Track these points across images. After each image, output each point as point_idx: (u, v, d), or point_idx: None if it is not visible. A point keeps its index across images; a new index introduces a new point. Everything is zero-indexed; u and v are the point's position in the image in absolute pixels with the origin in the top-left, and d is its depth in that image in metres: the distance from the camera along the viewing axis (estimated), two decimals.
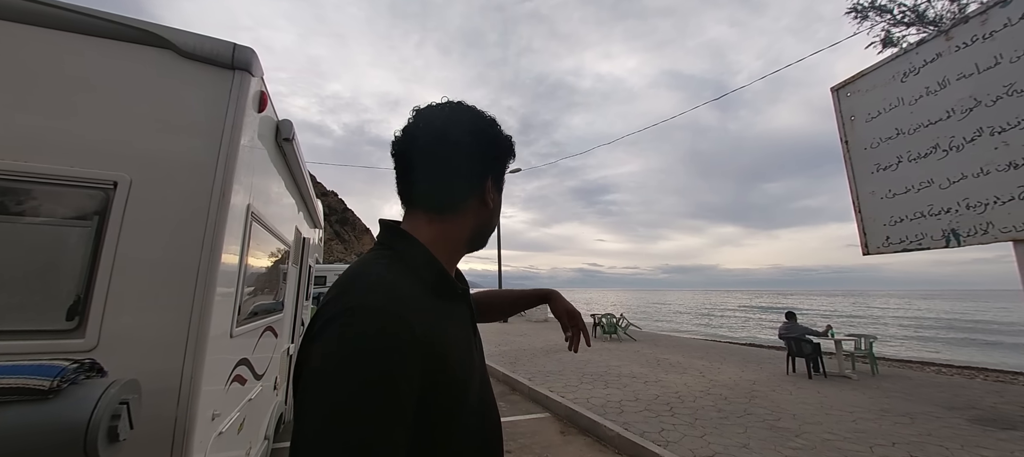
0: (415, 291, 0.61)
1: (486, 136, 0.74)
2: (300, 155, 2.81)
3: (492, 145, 0.75)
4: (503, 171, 0.79)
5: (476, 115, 0.74)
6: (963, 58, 1.29)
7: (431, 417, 0.55)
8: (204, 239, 1.56)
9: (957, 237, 1.29)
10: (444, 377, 0.57)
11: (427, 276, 0.66)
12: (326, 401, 0.46)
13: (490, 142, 0.74)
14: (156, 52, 1.66)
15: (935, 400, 5.96)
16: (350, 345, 0.49)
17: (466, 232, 0.74)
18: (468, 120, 0.73)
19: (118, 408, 1.16)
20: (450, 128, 0.70)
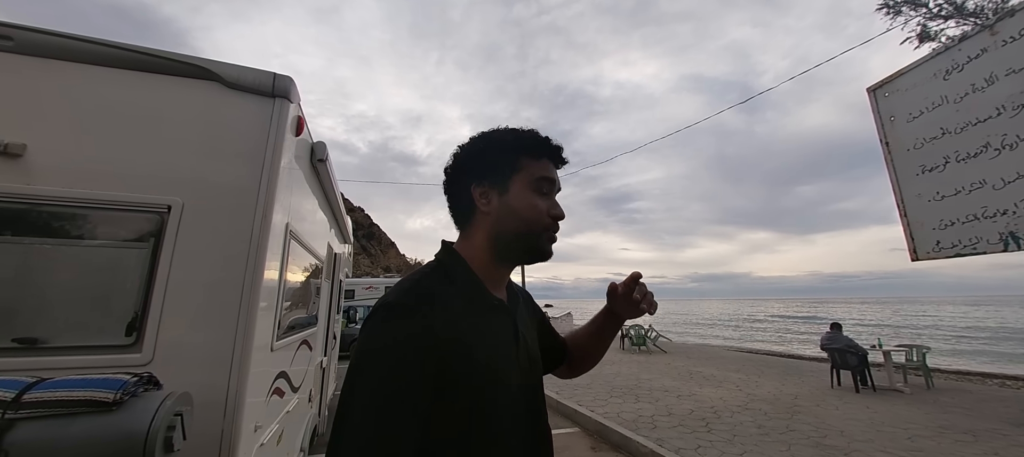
0: (447, 296, 0.70)
1: (468, 151, 0.81)
2: (332, 174, 2.93)
3: (472, 156, 0.80)
4: (491, 173, 0.78)
5: (473, 136, 0.83)
6: (1011, 53, 1.23)
7: (452, 410, 0.62)
8: (248, 257, 1.64)
9: (1016, 240, 1.21)
10: (465, 376, 0.64)
11: (462, 285, 0.74)
12: (353, 377, 0.61)
13: (470, 154, 0.81)
14: (205, 84, 1.78)
15: (1000, 416, 5.49)
16: (377, 339, 0.63)
17: (483, 241, 0.78)
18: (464, 143, 0.83)
19: (173, 419, 1.23)
20: (452, 156, 0.82)
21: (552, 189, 0.80)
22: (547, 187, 0.79)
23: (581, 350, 1.07)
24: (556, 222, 0.79)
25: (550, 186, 0.79)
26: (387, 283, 22.49)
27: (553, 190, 0.80)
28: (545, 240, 0.78)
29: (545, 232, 0.77)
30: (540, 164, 0.79)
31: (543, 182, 0.78)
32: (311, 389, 3.38)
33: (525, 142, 0.80)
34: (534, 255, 0.79)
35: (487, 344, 0.69)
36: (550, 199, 0.79)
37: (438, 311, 0.66)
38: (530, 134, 0.81)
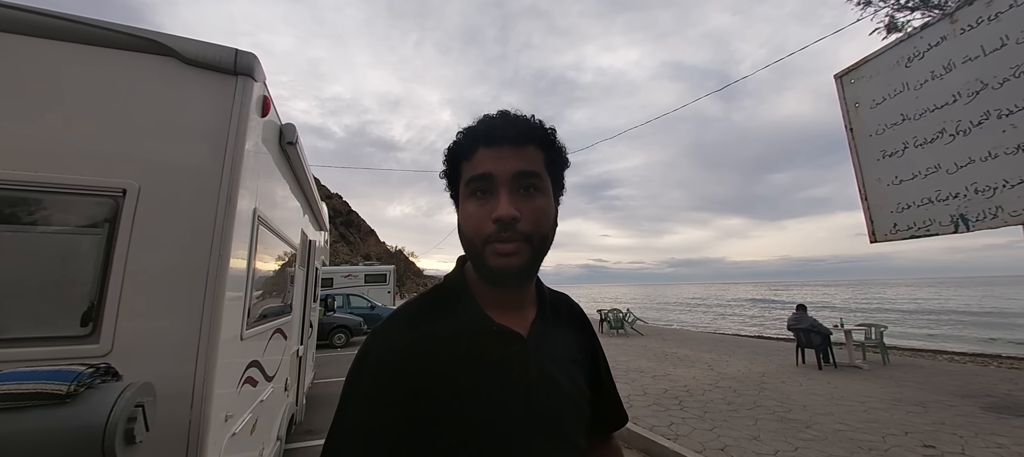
0: (434, 318, 0.65)
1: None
2: (304, 158, 2.83)
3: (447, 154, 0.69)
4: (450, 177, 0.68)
5: None
6: (968, 41, 1.28)
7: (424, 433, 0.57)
8: (212, 243, 1.58)
9: (966, 222, 1.28)
10: (435, 400, 0.58)
11: (454, 307, 0.66)
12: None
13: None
14: (160, 60, 1.68)
15: (948, 388, 5.90)
16: (356, 359, 0.63)
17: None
18: None
19: (134, 411, 1.18)
20: None
21: (491, 185, 0.61)
22: (482, 185, 0.61)
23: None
24: (499, 226, 0.59)
25: (486, 182, 0.61)
26: (366, 271, 22.20)
27: (493, 186, 0.61)
28: (488, 254, 0.60)
29: (486, 244, 0.59)
30: (472, 161, 0.63)
31: (474, 182, 0.62)
32: (287, 378, 3.32)
33: (457, 145, 0.66)
34: (484, 276, 0.64)
35: (470, 372, 0.60)
36: (489, 198, 0.61)
37: (407, 335, 0.62)
38: (467, 128, 0.66)
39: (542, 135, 0.66)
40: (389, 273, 22.17)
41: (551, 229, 0.65)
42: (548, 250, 0.65)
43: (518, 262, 0.60)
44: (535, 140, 0.65)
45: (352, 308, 14.58)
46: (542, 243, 0.63)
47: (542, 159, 0.65)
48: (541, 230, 0.62)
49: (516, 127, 0.64)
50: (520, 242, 0.59)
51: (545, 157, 0.66)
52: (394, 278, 22.50)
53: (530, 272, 0.64)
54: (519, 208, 0.59)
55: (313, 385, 6.30)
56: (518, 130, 0.63)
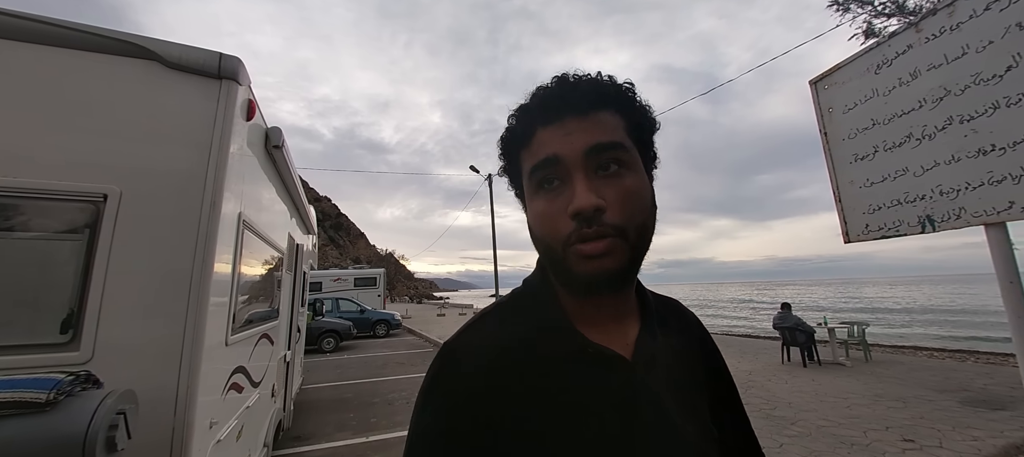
0: (509, 335, 0.51)
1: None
2: (290, 161, 2.82)
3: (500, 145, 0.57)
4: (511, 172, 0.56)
5: None
6: (933, 49, 1.34)
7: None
8: (196, 248, 1.57)
9: (932, 222, 1.33)
10: (515, 442, 0.45)
11: (538, 321, 0.53)
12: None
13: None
14: (142, 64, 1.66)
15: (927, 384, 6.06)
16: (424, 387, 0.50)
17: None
18: None
19: (115, 418, 1.17)
20: None
21: (559, 171, 0.47)
22: (548, 173, 0.48)
23: None
24: (578, 222, 0.45)
25: (553, 169, 0.48)
26: (356, 274, 22.01)
27: (562, 171, 0.47)
28: (571, 259, 0.46)
29: (567, 247, 0.46)
30: (531, 147, 0.50)
31: (538, 172, 0.49)
32: (274, 384, 3.28)
33: (510, 132, 0.54)
34: (570, 287, 0.50)
35: (559, 410, 0.46)
36: (562, 189, 0.47)
37: (492, 355, 0.49)
38: (520, 107, 0.52)
39: (617, 95, 0.50)
40: (379, 276, 22.01)
41: (650, 215, 0.50)
42: (650, 244, 0.50)
43: (612, 264, 0.45)
44: (609, 103, 0.49)
45: (342, 312, 14.44)
46: (640, 235, 0.48)
47: (623, 126, 0.49)
48: (636, 218, 0.47)
49: (579, 91, 0.49)
50: (611, 238, 0.45)
51: (626, 122, 0.50)
52: (384, 281, 22.34)
53: (630, 276, 0.49)
54: (602, 194, 0.45)
55: (301, 391, 6.24)
56: (582, 95, 0.48)
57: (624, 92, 0.51)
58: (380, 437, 4.62)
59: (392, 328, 15.13)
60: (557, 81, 0.51)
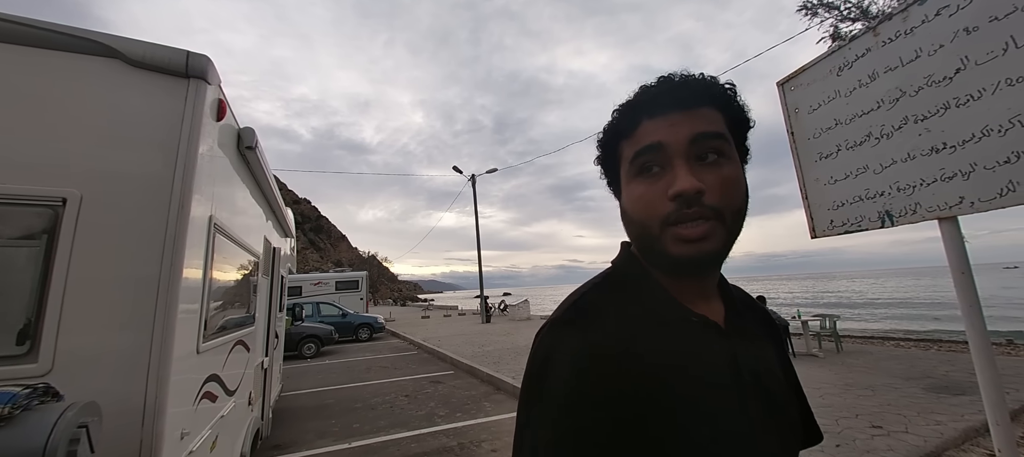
0: (617, 304, 0.53)
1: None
2: (265, 163, 2.75)
3: (598, 145, 0.61)
4: (608, 176, 0.61)
5: None
6: (889, 52, 1.40)
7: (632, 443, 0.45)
8: (164, 254, 1.51)
9: (891, 218, 1.39)
10: (649, 404, 0.45)
11: (639, 292, 0.55)
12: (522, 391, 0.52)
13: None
14: (103, 62, 1.60)
15: (894, 372, 6.33)
16: (530, 376, 0.51)
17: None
18: None
19: (76, 432, 1.13)
20: None
21: (662, 156, 0.51)
22: (650, 158, 0.51)
23: None
24: (679, 203, 0.48)
25: (656, 154, 0.51)
26: (337, 278, 21.61)
27: (665, 157, 0.50)
28: (669, 241, 0.49)
29: (666, 227, 0.49)
30: (635, 136, 0.53)
31: (641, 157, 0.52)
32: (251, 391, 3.20)
33: (614, 124, 0.57)
34: (665, 267, 0.54)
35: (678, 372, 0.48)
36: (662, 173, 0.51)
37: (603, 322, 0.51)
38: (623, 103, 0.56)
39: (720, 93, 0.54)
40: (362, 279, 21.66)
41: (744, 202, 0.53)
42: (742, 229, 0.53)
43: (711, 247, 0.48)
44: (712, 100, 0.53)
45: (323, 317, 14.16)
46: (736, 220, 0.51)
47: (723, 120, 0.53)
48: (734, 204, 0.50)
49: (686, 88, 0.52)
50: (711, 221, 0.48)
51: (726, 118, 0.54)
52: (367, 284, 22.01)
53: (722, 258, 0.52)
54: (702, 179, 0.48)
55: (280, 398, 6.09)
56: (689, 91, 0.52)
57: (725, 91, 0.55)
58: (363, 443, 4.55)
59: (375, 332, 14.92)
60: (663, 80, 0.54)
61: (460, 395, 6.41)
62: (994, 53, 1.14)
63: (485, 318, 18.10)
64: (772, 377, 0.55)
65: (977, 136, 1.19)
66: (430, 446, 4.37)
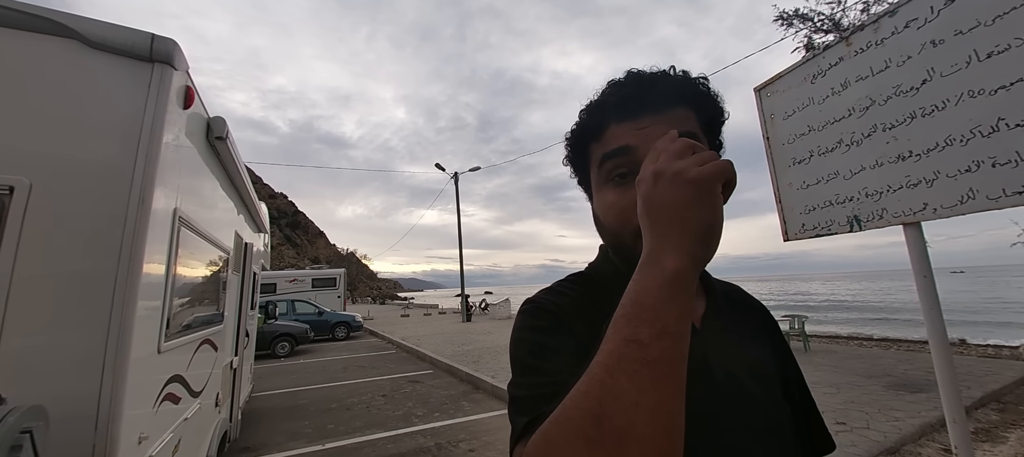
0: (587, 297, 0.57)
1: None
2: (236, 154, 2.64)
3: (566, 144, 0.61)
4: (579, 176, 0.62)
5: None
6: (860, 62, 1.45)
7: None
8: (121, 248, 1.43)
9: (858, 222, 1.44)
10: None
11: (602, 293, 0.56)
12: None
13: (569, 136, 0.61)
14: (58, 42, 1.49)
15: (857, 371, 6.62)
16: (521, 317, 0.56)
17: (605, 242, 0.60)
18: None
19: (19, 438, 1.04)
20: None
21: (632, 161, 0.49)
22: (620, 163, 0.51)
23: None
24: None
25: (625, 158, 0.50)
26: (314, 275, 21.09)
27: (630, 162, 0.50)
28: (639, 249, 0.46)
29: (635, 238, 0.46)
30: (603, 139, 0.53)
31: (610, 161, 0.51)
32: (218, 393, 3.07)
33: (580, 126, 0.56)
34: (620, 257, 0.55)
35: None
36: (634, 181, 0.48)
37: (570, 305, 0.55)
38: (592, 102, 0.55)
39: (693, 92, 0.52)
40: (339, 277, 21.20)
41: None
42: None
43: None
44: (684, 100, 0.51)
45: (298, 315, 13.79)
46: None
47: (695, 119, 0.51)
48: None
49: (656, 90, 0.50)
50: None
51: (698, 116, 0.52)
52: (345, 282, 21.56)
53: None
54: None
55: (251, 399, 5.89)
56: (659, 94, 0.50)
57: (698, 88, 0.52)
58: (337, 444, 4.45)
59: (353, 330, 14.63)
60: (632, 78, 0.52)
61: (439, 395, 6.35)
62: (958, 66, 1.20)
63: (466, 317, 18.02)
64: (754, 377, 0.54)
65: (941, 145, 1.24)
66: (407, 447, 4.30)
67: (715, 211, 0.38)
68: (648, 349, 0.34)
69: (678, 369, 0.34)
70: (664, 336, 0.34)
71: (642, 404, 0.32)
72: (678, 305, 0.36)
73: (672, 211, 0.38)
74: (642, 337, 0.34)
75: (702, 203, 0.37)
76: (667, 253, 0.37)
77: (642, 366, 0.33)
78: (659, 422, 0.32)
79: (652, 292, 0.36)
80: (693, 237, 0.37)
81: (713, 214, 0.38)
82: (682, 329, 0.35)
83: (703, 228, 0.37)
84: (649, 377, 0.33)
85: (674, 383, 0.34)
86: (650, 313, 0.35)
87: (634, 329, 0.35)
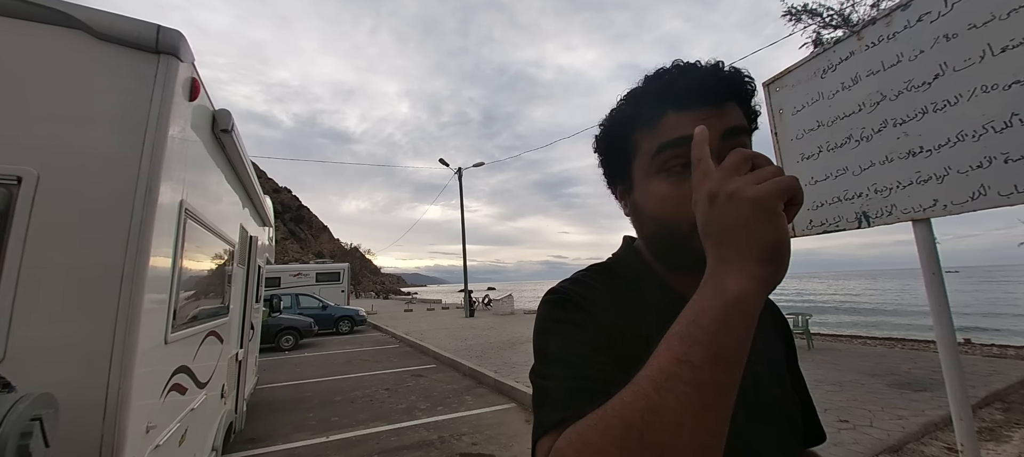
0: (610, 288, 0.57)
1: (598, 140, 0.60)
2: (242, 147, 2.65)
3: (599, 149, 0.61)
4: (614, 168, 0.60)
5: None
6: (872, 56, 1.43)
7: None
8: (129, 239, 1.43)
9: (867, 219, 1.43)
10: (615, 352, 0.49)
11: (633, 279, 0.58)
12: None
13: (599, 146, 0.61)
14: (65, 33, 1.50)
15: (860, 369, 6.59)
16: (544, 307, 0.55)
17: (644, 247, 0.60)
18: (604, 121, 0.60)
19: (29, 425, 1.06)
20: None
21: (686, 153, 0.48)
22: (675, 155, 0.50)
23: None
24: None
25: (684, 148, 0.48)
26: (318, 269, 21.20)
27: (687, 154, 0.48)
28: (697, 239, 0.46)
29: (694, 229, 0.46)
30: (658, 128, 0.51)
31: (667, 151, 0.50)
32: (224, 384, 3.10)
33: (632, 115, 0.54)
34: (684, 262, 0.51)
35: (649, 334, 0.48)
36: (689, 173, 0.48)
37: (597, 297, 0.54)
38: (641, 91, 0.53)
39: (743, 89, 0.52)
40: (343, 271, 21.30)
41: None
42: None
43: None
44: (737, 95, 0.51)
45: (302, 308, 13.88)
46: None
47: (743, 116, 0.52)
48: None
49: (716, 83, 0.49)
50: None
51: (744, 112, 0.52)
52: (349, 276, 21.66)
53: None
54: None
55: (256, 391, 5.95)
56: (719, 86, 0.49)
57: (747, 86, 0.52)
58: (341, 436, 4.48)
59: (356, 324, 14.72)
60: (691, 68, 0.51)
61: (442, 389, 6.38)
62: (971, 60, 1.18)
63: (469, 312, 18.07)
64: (767, 372, 0.55)
65: (952, 141, 1.23)
66: (410, 439, 4.33)
67: (778, 229, 0.36)
68: (700, 372, 0.33)
69: (727, 396, 0.34)
70: (718, 361, 0.34)
71: (686, 426, 0.32)
72: (737, 331, 0.35)
73: (731, 233, 0.37)
74: (695, 359, 0.34)
75: (764, 222, 0.36)
76: (729, 276, 0.36)
77: (692, 389, 0.33)
78: (699, 445, 0.32)
79: (710, 313, 0.35)
80: (757, 259, 0.36)
81: (776, 232, 0.36)
82: (738, 356, 0.35)
83: (767, 249, 0.36)
84: (698, 401, 0.33)
85: (721, 410, 0.33)
86: (706, 335, 0.34)
87: (687, 349, 0.34)
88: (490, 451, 4.02)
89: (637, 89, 0.54)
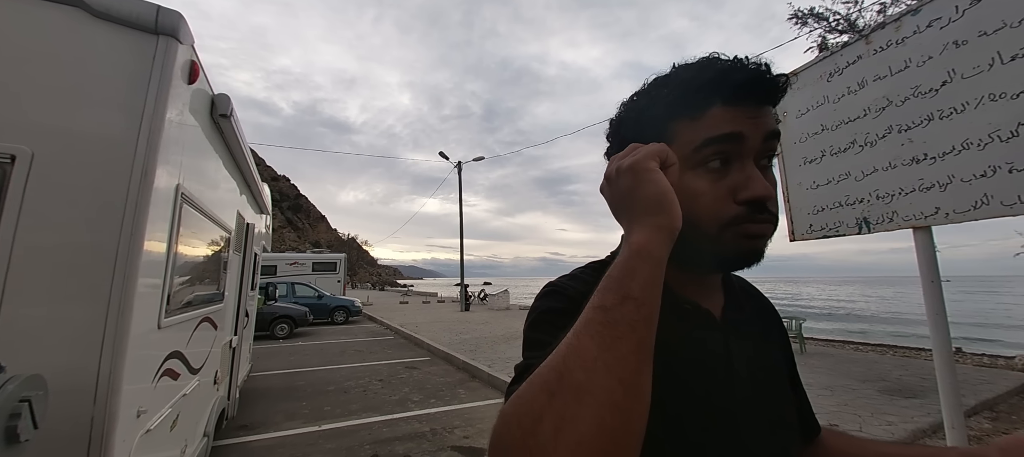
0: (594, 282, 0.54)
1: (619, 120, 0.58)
2: (240, 133, 2.62)
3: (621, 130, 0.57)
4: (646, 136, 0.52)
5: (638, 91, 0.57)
6: (879, 61, 1.42)
7: None
8: (123, 222, 1.41)
9: (868, 224, 1.42)
10: None
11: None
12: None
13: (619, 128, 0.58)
14: (62, 9, 1.47)
15: (852, 374, 6.64)
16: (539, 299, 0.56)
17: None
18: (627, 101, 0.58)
19: (18, 406, 1.04)
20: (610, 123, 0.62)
21: (736, 151, 0.48)
22: (724, 150, 0.48)
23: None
24: (753, 207, 0.47)
25: (732, 145, 0.47)
26: (314, 259, 21.15)
27: (738, 152, 0.48)
28: (726, 237, 0.48)
29: (724, 228, 0.48)
30: (703, 119, 0.48)
31: (712, 146, 0.48)
32: (217, 370, 3.09)
33: (673, 100, 0.50)
34: (724, 263, 0.51)
35: (671, 347, 0.46)
36: (726, 170, 0.48)
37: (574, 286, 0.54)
38: (687, 76, 0.50)
39: (783, 94, 0.51)
40: (340, 262, 21.25)
41: None
42: None
43: (763, 246, 0.50)
44: (778, 97, 0.51)
45: (298, 298, 13.85)
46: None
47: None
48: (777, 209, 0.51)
49: (770, 81, 0.48)
50: (772, 224, 0.49)
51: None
52: (345, 267, 21.62)
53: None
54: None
55: (250, 378, 5.94)
56: (774, 86, 0.48)
57: (784, 90, 0.52)
58: (333, 425, 4.49)
59: (352, 315, 14.70)
60: (742, 63, 0.49)
61: (435, 381, 6.39)
62: (980, 68, 1.17)
63: (464, 306, 18.08)
64: (767, 370, 0.57)
65: (957, 149, 1.22)
66: (402, 431, 4.34)
67: (656, 183, 0.43)
68: (611, 312, 0.38)
69: (639, 330, 0.37)
70: (627, 300, 0.38)
71: (601, 360, 0.36)
72: (642, 273, 0.40)
73: (625, 198, 0.45)
74: (606, 303, 0.39)
75: (643, 180, 0.43)
76: (632, 233, 0.43)
77: (604, 328, 0.37)
78: (615, 375, 0.35)
79: (619, 265, 0.41)
80: (647, 211, 0.43)
81: (655, 186, 0.43)
82: (646, 295, 0.39)
83: (652, 200, 0.43)
84: (610, 336, 0.37)
85: (633, 342, 0.37)
86: (616, 283, 0.40)
87: (601, 298, 0.40)
88: (481, 445, 4.03)
89: (681, 73, 0.51)
